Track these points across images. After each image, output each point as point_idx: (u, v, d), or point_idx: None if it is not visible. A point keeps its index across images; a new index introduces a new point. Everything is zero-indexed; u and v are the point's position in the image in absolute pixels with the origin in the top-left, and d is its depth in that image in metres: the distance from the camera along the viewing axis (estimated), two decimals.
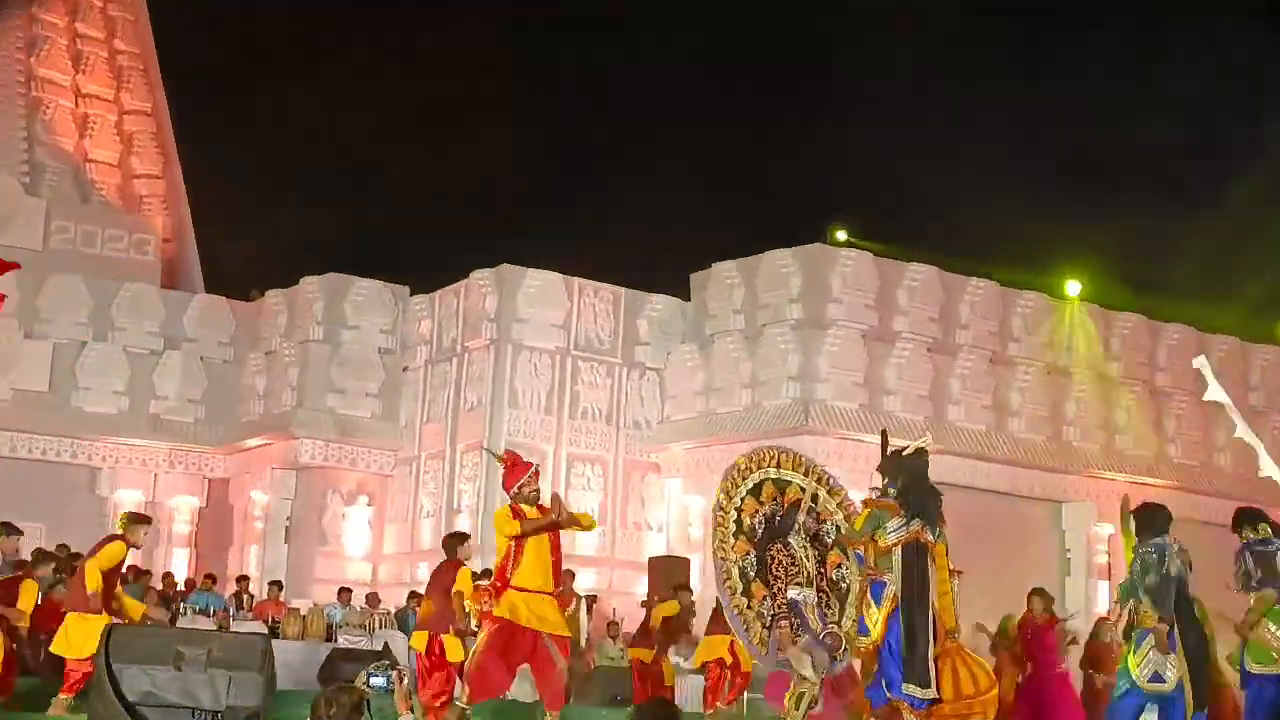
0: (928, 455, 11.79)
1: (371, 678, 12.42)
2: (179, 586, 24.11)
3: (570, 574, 21.79)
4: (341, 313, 27.72)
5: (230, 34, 42.20)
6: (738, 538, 12.49)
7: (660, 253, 33.07)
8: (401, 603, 22.99)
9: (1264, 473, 13.51)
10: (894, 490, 11.23)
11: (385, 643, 19.62)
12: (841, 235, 27.17)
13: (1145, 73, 35.48)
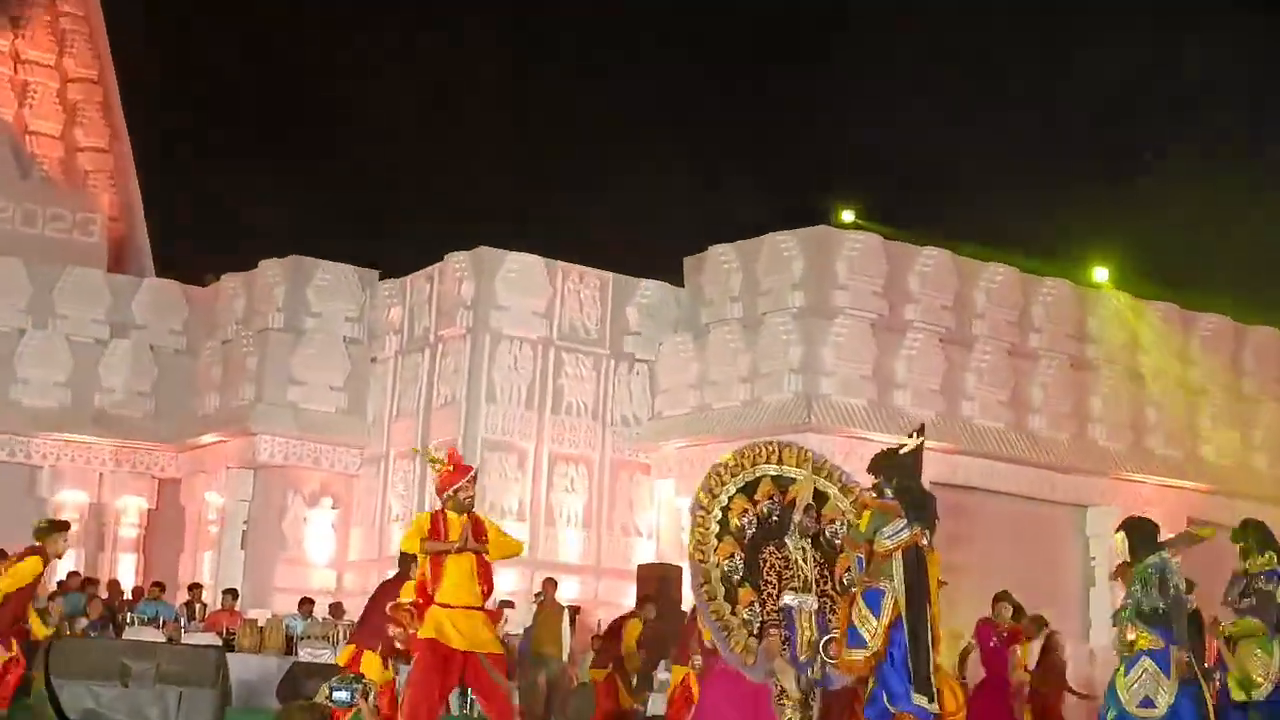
0: (922, 454, 11.78)
1: (334, 692, 12.34)
2: (125, 595, 24.02)
3: (552, 583, 21.79)
4: (304, 298, 27.63)
5: None
6: (722, 539, 12.45)
7: (651, 235, 33.09)
8: None
9: None
10: (890, 490, 11.22)
11: None
12: (848, 216, 27.12)
13: (1175, 40, 35.44)
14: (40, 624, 13.51)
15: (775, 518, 12.30)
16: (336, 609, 23.40)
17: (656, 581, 22.58)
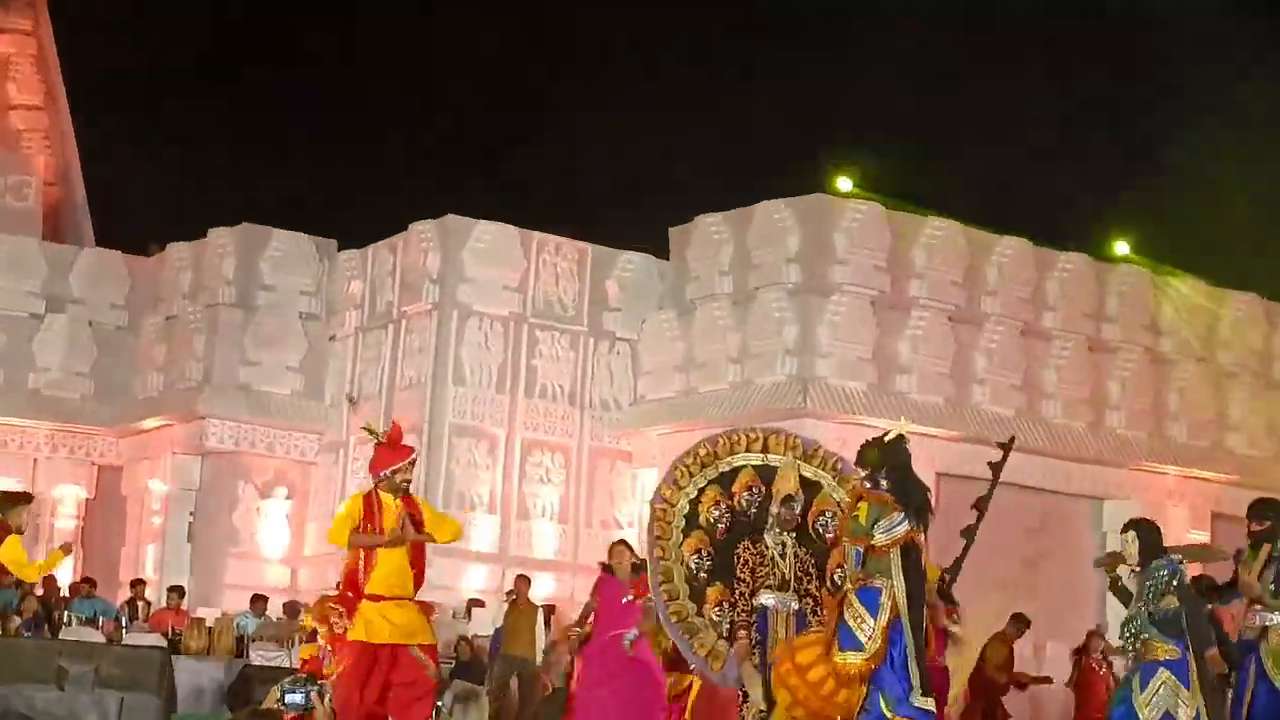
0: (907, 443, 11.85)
1: (288, 695, 12.38)
2: (62, 591, 23.98)
3: (525, 580, 21.84)
4: (256, 270, 27.62)
5: None
6: (689, 534, 12.51)
7: (633, 202, 33.05)
8: None
9: None
10: (886, 483, 11.27)
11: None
12: (845, 184, 27.10)
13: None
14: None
15: (754, 510, 12.33)
16: (291, 608, 23.39)
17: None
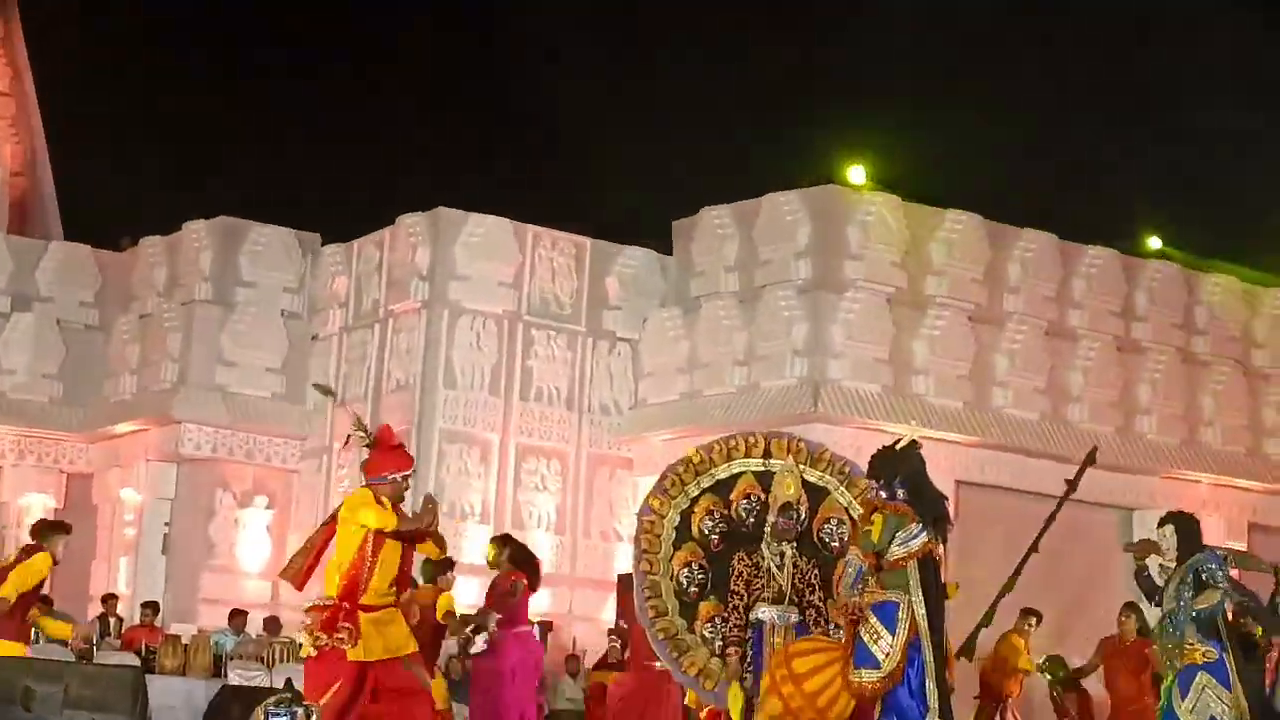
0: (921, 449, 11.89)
1: (271, 716, 12.36)
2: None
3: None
4: (235, 266, 27.63)
5: None
6: (680, 546, 12.55)
7: (635, 194, 33.04)
8: None
9: None
10: (902, 492, 11.31)
11: (288, 679, 19.60)
12: (858, 176, 27.11)
13: None
14: (58, 625, 13.91)
15: (751, 520, 12.35)
16: (272, 624, 23.43)
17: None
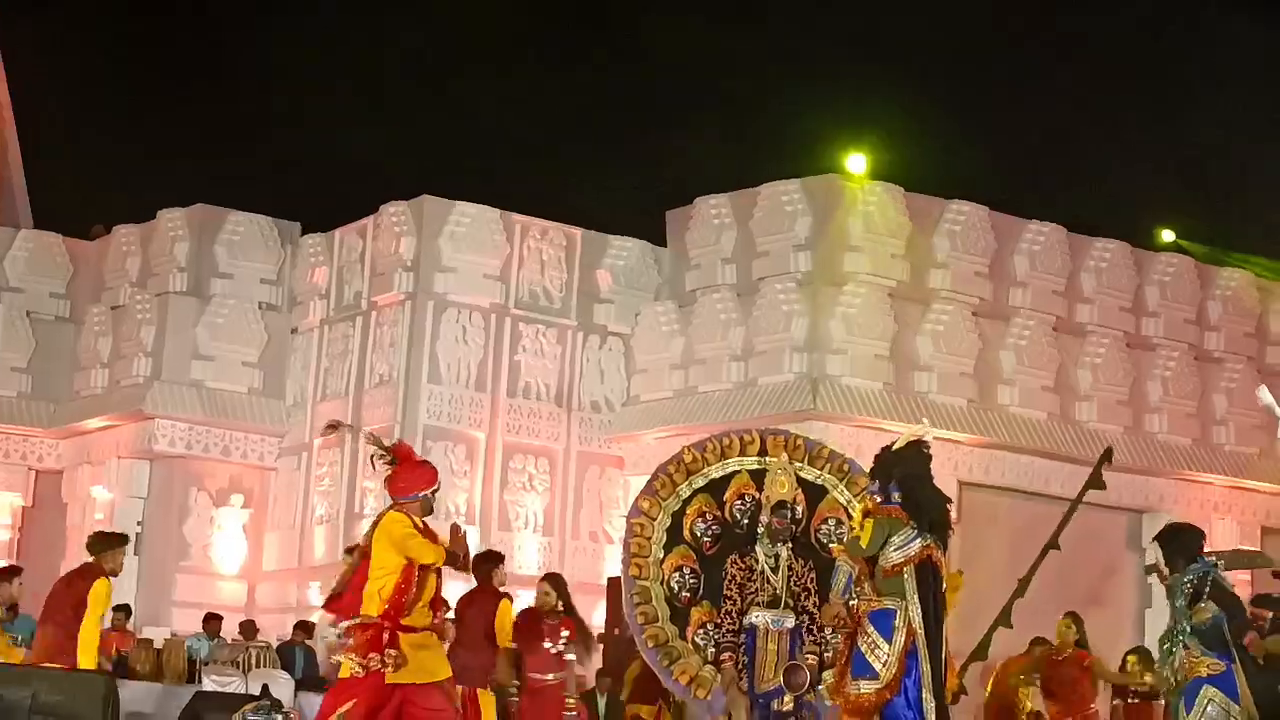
0: (929, 449, 11.85)
1: None
2: None
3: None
4: (211, 255, 27.62)
5: None
6: (671, 549, 12.54)
7: (627, 182, 32.99)
8: (286, 633, 22.87)
9: None
10: (898, 495, 11.32)
11: (265, 685, 19.60)
12: (858, 165, 26.96)
13: None
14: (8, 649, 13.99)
15: (746, 521, 12.33)
16: (248, 628, 23.39)
17: None
